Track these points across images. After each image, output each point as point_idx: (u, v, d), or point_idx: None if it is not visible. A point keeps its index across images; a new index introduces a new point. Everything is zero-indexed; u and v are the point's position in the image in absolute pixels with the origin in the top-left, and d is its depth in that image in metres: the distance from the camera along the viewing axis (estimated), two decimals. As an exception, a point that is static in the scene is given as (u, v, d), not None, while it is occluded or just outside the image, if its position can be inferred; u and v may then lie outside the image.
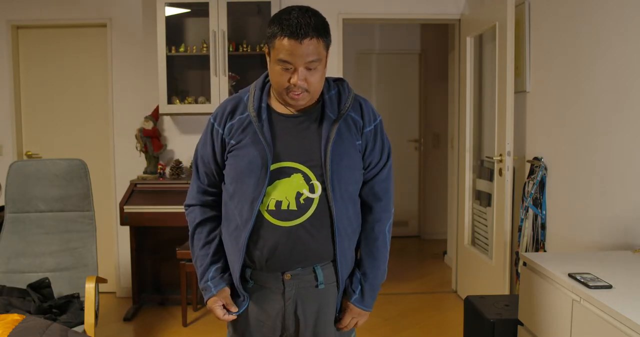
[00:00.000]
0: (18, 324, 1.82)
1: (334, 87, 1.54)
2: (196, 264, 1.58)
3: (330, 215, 1.46)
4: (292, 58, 1.37)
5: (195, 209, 1.60)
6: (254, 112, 1.47)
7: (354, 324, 1.58)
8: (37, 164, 2.80)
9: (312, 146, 1.47)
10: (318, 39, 1.39)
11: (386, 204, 1.58)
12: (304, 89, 1.41)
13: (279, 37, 1.37)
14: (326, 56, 1.45)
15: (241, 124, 1.49)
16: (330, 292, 1.54)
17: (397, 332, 3.37)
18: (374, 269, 1.56)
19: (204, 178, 1.58)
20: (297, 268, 1.49)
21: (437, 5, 3.99)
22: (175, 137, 4.02)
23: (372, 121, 1.53)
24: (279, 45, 1.38)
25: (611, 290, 1.62)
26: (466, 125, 3.84)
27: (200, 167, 1.59)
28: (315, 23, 1.38)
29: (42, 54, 4.03)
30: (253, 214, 1.44)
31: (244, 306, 1.54)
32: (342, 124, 1.48)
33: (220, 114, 1.53)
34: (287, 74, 1.40)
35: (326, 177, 1.44)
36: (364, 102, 1.55)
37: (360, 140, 1.52)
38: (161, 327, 3.47)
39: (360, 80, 5.65)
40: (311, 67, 1.40)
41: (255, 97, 1.50)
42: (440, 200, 5.34)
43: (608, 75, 2.41)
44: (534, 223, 3.00)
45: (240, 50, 3.75)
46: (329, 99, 1.51)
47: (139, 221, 3.59)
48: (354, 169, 1.51)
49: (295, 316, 1.52)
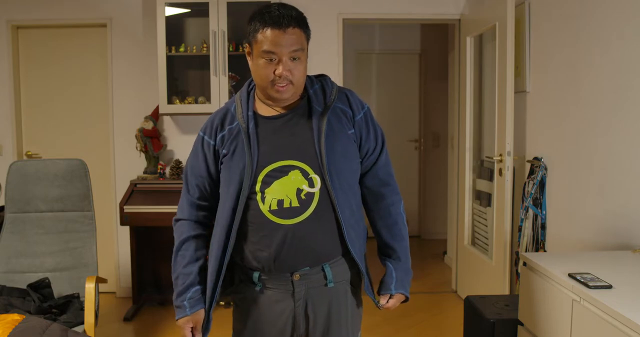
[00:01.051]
0: (18, 324, 1.83)
1: (317, 82, 1.56)
2: (176, 281, 1.56)
3: (332, 207, 1.46)
4: (276, 48, 1.39)
5: (184, 224, 1.58)
6: (244, 124, 1.48)
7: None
8: (37, 164, 2.80)
9: (305, 141, 1.47)
10: (300, 28, 1.42)
11: (394, 187, 1.62)
12: (288, 80, 1.42)
13: (262, 29, 1.39)
14: (307, 48, 1.47)
15: (231, 134, 1.50)
16: (341, 290, 1.54)
17: (397, 332, 3.37)
18: (404, 250, 1.66)
19: (194, 191, 1.57)
20: (305, 268, 1.48)
21: (437, 5, 3.99)
22: (175, 137, 4.02)
23: (360, 109, 1.55)
24: (262, 38, 1.39)
25: (611, 290, 1.62)
26: (466, 125, 3.84)
27: (191, 180, 1.57)
28: (297, 14, 1.42)
29: (42, 54, 4.03)
30: (235, 221, 1.45)
31: (207, 331, 1.55)
32: (331, 116, 1.49)
33: (209, 127, 1.55)
34: (272, 66, 1.41)
35: (323, 169, 1.44)
36: (350, 93, 1.57)
37: (353, 129, 1.53)
38: (161, 327, 3.47)
39: (360, 80, 5.65)
40: (295, 56, 1.41)
41: (242, 105, 1.52)
42: (440, 200, 5.34)
43: (608, 75, 2.41)
44: (534, 223, 3.00)
45: (240, 50, 3.75)
46: (313, 93, 1.52)
47: (139, 221, 3.59)
48: (349, 158, 1.52)
49: (306, 315, 1.51)
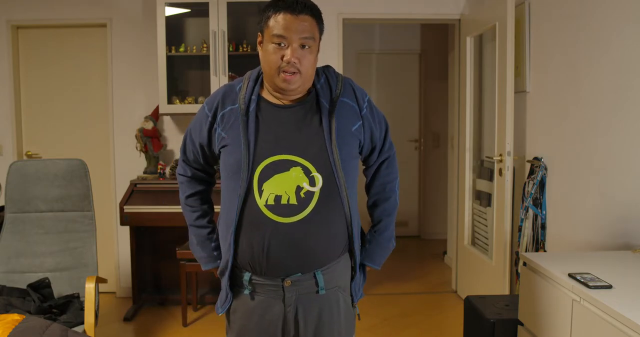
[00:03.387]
0: (18, 324, 1.83)
1: (322, 74, 1.55)
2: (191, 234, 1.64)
3: (341, 207, 1.46)
4: (287, 32, 1.38)
5: (184, 182, 1.66)
6: (243, 105, 1.46)
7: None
8: (37, 164, 2.80)
9: (310, 138, 1.45)
10: (313, 18, 1.42)
11: (395, 167, 1.68)
12: (296, 68, 1.40)
13: (274, 14, 1.40)
14: (319, 42, 1.46)
15: (231, 116, 1.48)
16: (332, 297, 1.53)
17: (397, 332, 3.37)
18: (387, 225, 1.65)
19: (189, 153, 1.63)
20: (297, 273, 1.47)
21: (437, 5, 3.99)
22: (175, 137, 4.02)
23: (364, 102, 1.56)
24: (274, 23, 1.39)
25: (611, 290, 1.62)
26: (466, 125, 3.84)
27: (188, 144, 1.62)
28: (312, 4, 1.43)
29: (42, 54, 4.03)
30: (235, 215, 1.44)
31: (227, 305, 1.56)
32: (339, 113, 1.49)
33: (211, 101, 1.54)
34: (281, 51, 1.40)
35: (337, 169, 1.43)
36: (353, 84, 1.57)
37: (361, 120, 1.53)
38: (161, 327, 3.47)
39: (360, 80, 5.64)
40: (305, 43, 1.40)
41: (248, 87, 1.50)
42: (440, 200, 5.34)
43: (608, 75, 2.41)
44: (534, 223, 3.00)
45: (240, 50, 3.76)
46: (320, 88, 1.51)
47: (139, 221, 3.59)
48: (355, 157, 1.53)
49: (296, 321, 1.50)
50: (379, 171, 1.66)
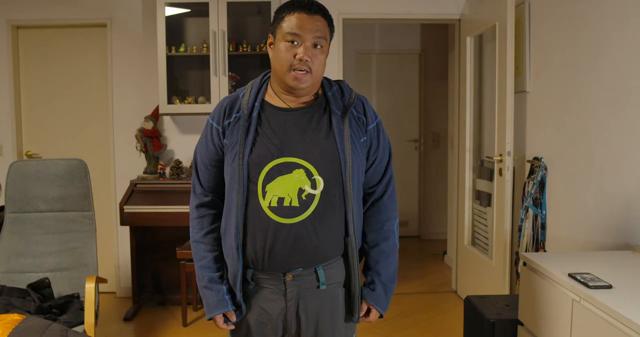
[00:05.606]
0: (18, 324, 1.83)
1: (335, 84, 1.56)
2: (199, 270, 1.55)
3: (343, 211, 1.46)
4: (301, 30, 1.41)
5: (205, 215, 1.55)
6: (246, 111, 1.47)
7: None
8: (37, 164, 2.80)
9: (315, 141, 1.46)
10: (325, 20, 1.46)
11: (394, 202, 1.61)
12: (308, 67, 1.42)
13: (289, 14, 1.43)
14: (329, 45, 1.49)
15: (235, 123, 1.49)
16: (333, 292, 1.53)
17: (397, 332, 3.37)
18: (386, 267, 1.57)
19: (208, 181, 1.56)
20: (298, 268, 1.48)
21: (437, 5, 3.99)
22: (175, 137, 4.02)
23: (373, 119, 1.56)
24: (288, 22, 1.42)
25: (611, 290, 1.62)
26: (466, 125, 3.84)
27: (202, 171, 1.56)
28: (325, 9, 1.47)
29: (42, 54, 4.03)
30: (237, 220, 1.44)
31: (241, 316, 1.53)
32: (349, 120, 1.49)
33: (217, 113, 1.54)
34: (294, 50, 1.42)
35: (346, 174, 1.44)
36: (365, 101, 1.57)
37: (365, 137, 1.53)
38: (161, 327, 3.47)
39: (360, 80, 5.65)
40: (318, 43, 1.43)
41: (251, 94, 1.51)
42: (440, 200, 5.34)
43: (608, 75, 2.41)
44: (534, 223, 3.00)
45: (240, 50, 3.75)
46: (332, 96, 1.52)
47: (139, 221, 3.59)
48: (362, 165, 1.53)
49: (297, 316, 1.51)
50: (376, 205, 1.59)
